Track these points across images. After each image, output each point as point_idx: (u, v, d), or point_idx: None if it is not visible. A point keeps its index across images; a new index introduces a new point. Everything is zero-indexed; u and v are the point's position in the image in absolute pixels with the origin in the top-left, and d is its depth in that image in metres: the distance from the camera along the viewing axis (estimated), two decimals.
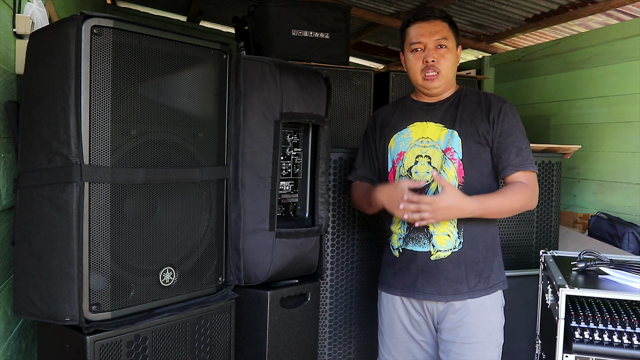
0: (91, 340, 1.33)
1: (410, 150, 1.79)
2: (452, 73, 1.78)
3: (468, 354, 1.72)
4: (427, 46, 1.74)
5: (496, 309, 1.78)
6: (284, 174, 1.90)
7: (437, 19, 1.75)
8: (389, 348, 1.89)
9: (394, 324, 1.86)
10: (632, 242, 2.82)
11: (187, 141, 1.53)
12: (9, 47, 1.55)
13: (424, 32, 1.74)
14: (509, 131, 1.73)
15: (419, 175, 1.76)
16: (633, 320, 1.66)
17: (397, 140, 1.83)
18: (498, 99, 1.80)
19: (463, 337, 1.73)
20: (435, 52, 1.73)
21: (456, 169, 1.72)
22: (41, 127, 1.36)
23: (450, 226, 1.73)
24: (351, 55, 4.21)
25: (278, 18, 2.64)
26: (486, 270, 1.76)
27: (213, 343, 1.62)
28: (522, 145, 1.73)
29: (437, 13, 1.76)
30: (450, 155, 1.73)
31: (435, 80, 1.74)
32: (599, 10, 3.28)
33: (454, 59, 1.78)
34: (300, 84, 1.80)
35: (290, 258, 1.83)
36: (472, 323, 1.73)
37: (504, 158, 1.72)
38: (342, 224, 2.30)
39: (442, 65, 1.74)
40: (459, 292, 1.73)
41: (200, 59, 1.56)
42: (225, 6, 4.79)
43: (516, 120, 1.76)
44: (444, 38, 1.74)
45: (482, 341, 1.73)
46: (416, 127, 1.81)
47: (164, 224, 1.49)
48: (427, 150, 1.76)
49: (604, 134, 3.23)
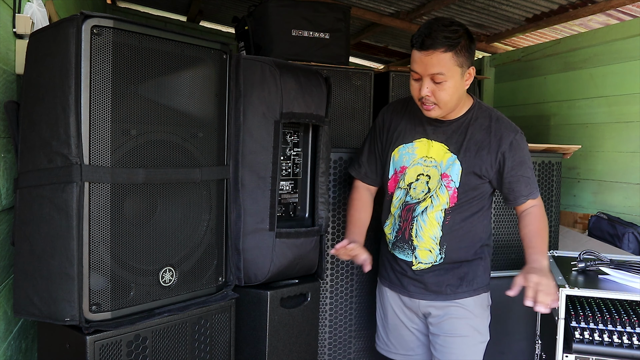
0: (91, 340, 1.33)
1: (412, 167, 1.80)
2: (452, 102, 1.67)
3: (452, 346, 1.79)
4: (422, 78, 1.63)
5: (481, 307, 1.83)
6: (284, 174, 1.90)
7: (437, 50, 1.58)
8: (386, 332, 1.97)
9: (387, 311, 1.95)
10: (632, 242, 2.81)
11: (187, 141, 1.53)
12: (9, 47, 1.55)
13: (420, 63, 1.62)
14: (520, 164, 1.74)
15: (415, 191, 1.79)
16: (633, 320, 1.66)
17: (401, 152, 1.82)
18: (509, 128, 1.74)
19: (447, 330, 1.79)
20: (431, 84, 1.63)
21: (449, 195, 1.74)
22: (41, 127, 1.36)
23: (433, 243, 1.77)
24: (351, 55, 4.22)
25: (278, 18, 2.64)
26: (470, 274, 1.81)
27: (213, 343, 1.62)
28: (530, 175, 1.77)
29: (439, 43, 1.58)
30: (446, 182, 1.74)
31: (433, 111, 1.68)
32: (599, 10, 3.28)
33: (455, 88, 1.64)
34: (300, 84, 1.80)
35: (290, 258, 1.83)
36: (455, 318, 1.79)
37: (516, 190, 1.75)
38: (342, 224, 2.30)
39: (439, 98, 1.64)
40: (441, 293, 1.80)
41: (200, 59, 1.56)
42: (225, 6, 4.79)
43: (525, 151, 1.77)
44: (440, 73, 1.60)
45: (466, 335, 1.79)
46: (422, 143, 1.79)
47: (164, 224, 1.49)
48: (429, 170, 1.77)
49: (604, 134, 3.23)
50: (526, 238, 1.73)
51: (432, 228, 1.76)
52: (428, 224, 1.76)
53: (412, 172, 1.79)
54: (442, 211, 1.75)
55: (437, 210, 1.75)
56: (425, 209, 1.76)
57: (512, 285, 1.55)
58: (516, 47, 4.42)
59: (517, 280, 1.56)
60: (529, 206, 1.77)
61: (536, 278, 1.53)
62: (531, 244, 1.70)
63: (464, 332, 1.78)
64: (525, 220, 1.76)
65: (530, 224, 1.74)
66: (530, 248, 1.69)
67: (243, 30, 2.86)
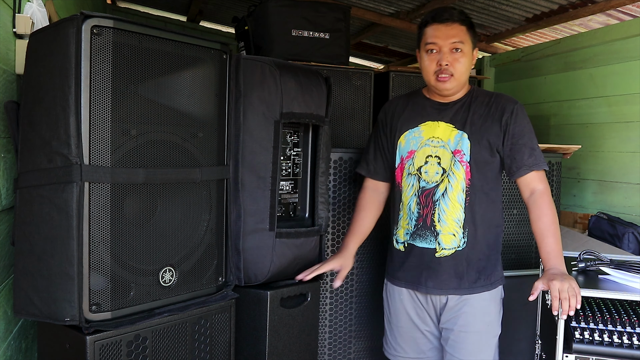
0: (91, 340, 1.33)
1: (420, 149, 1.82)
2: (465, 76, 1.79)
3: (465, 341, 1.79)
4: (442, 49, 1.74)
5: (495, 301, 1.83)
6: (284, 174, 1.90)
7: (456, 22, 1.74)
8: (395, 336, 1.95)
9: (399, 314, 1.92)
10: (632, 242, 2.81)
11: (187, 141, 1.53)
12: (9, 47, 1.55)
13: (440, 35, 1.74)
14: (521, 132, 1.76)
15: (428, 175, 1.79)
16: (633, 320, 1.66)
17: (407, 137, 1.86)
18: (509, 100, 1.81)
19: (461, 325, 1.79)
20: (450, 55, 1.74)
21: (465, 170, 1.76)
22: (41, 127, 1.36)
23: (457, 226, 1.77)
24: (351, 55, 4.21)
25: (278, 18, 2.64)
26: (488, 268, 1.81)
27: (213, 343, 1.62)
28: (534, 145, 1.77)
29: (456, 16, 1.75)
30: (459, 157, 1.77)
31: (448, 82, 1.75)
32: (599, 10, 3.28)
33: (468, 62, 1.77)
34: (300, 84, 1.80)
35: (290, 258, 1.83)
36: (469, 313, 1.79)
37: (517, 159, 1.75)
38: (342, 224, 2.30)
39: (456, 69, 1.74)
40: (459, 287, 1.79)
41: (200, 59, 1.56)
42: (225, 6, 4.79)
43: (527, 121, 1.79)
44: (460, 42, 1.73)
45: (479, 331, 1.79)
46: (427, 126, 1.83)
47: (164, 224, 1.49)
48: (437, 150, 1.79)
49: (604, 134, 3.23)
50: (538, 236, 1.73)
51: (455, 211, 1.77)
52: (450, 206, 1.77)
53: (420, 155, 1.82)
54: (462, 192, 1.76)
55: (458, 191, 1.76)
56: (445, 190, 1.77)
57: (533, 290, 1.59)
58: (516, 47, 4.42)
59: (537, 285, 1.60)
60: (535, 188, 1.75)
61: (559, 284, 1.56)
62: (546, 246, 1.70)
63: (478, 327, 1.79)
64: (533, 213, 1.75)
65: (539, 219, 1.73)
66: (545, 252, 1.70)
67: (243, 30, 2.86)
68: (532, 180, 1.75)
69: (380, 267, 2.34)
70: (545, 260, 1.70)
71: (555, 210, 1.76)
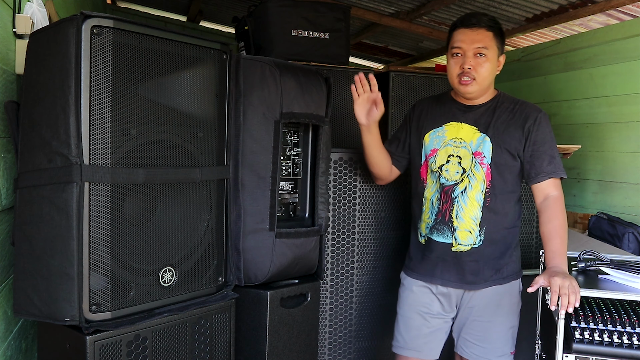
0: (91, 340, 1.33)
1: (443, 148, 1.87)
2: (488, 81, 1.83)
3: (479, 330, 1.85)
4: (466, 53, 1.78)
5: (511, 294, 1.88)
6: (284, 174, 1.90)
7: (482, 28, 1.78)
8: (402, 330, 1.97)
9: (411, 307, 1.95)
10: (632, 242, 2.81)
11: (187, 141, 1.53)
12: (9, 47, 1.55)
13: (465, 39, 1.79)
14: (543, 140, 1.80)
15: (449, 173, 1.85)
16: (633, 320, 1.66)
17: (432, 136, 1.91)
18: (534, 108, 1.85)
19: (476, 315, 1.85)
20: (474, 59, 1.78)
21: (485, 172, 1.81)
22: (41, 127, 1.36)
23: (473, 224, 1.82)
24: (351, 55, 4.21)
25: (278, 18, 2.64)
26: (503, 265, 1.86)
27: (213, 343, 1.62)
28: (554, 154, 1.81)
29: (483, 22, 1.79)
30: (480, 159, 1.81)
31: (469, 86, 1.80)
32: (599, 10, 3.28)
33: (492, 67, 1.81)
34: (300, 84, 1.80)
35: (290, 258, 1.83)
36: (485, 305, 1.85)
37: (537, 165, 1.79)
38: (342, 224, 2.30)
39: (479, 73, 1.78)
40: (473, 282, 1.84)
41: (200, 59, 1.56)
42: (225, 6, 4.79)
43: (549, 130, 1.83)
44: (484, 47, 1.77)
45: (494, 321, 1.85)
46: (451, 126, 1.89)
47: (164, 224, 1.49)
48: (459, 150, 1.84)
49: (604, 134, 3.23)
50: (545, 237, 1.75)
51: (472, 209, 1.81)
52: (469, 204, 1.81)
53: (442, 154, 1.87)
54: (482, 192, 1.81)
55: (477, 191, 1.81)
56: (465, 189, 1.82)
57: (533, 284, 1.61)
58: (516, 47, 4.42)
59: (538, 280, 1.61)
60: (549, 194, 1.78)
61: (559, 281, 1.57)
62: (551, 246, 1.72)
63: (492, 317, 1.84)
64: (544, 216, 1.77)
65: (549, 222, 1.75)
66: (550, 252, 1.72)
67: (243, 30, 2.85)
68: (547, 187, 1.79)
69: (380, 268, 2.34)
70: (549, 259, 1.71)
71: (565, 217, 1.79)
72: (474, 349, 1.86)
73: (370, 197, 2.35)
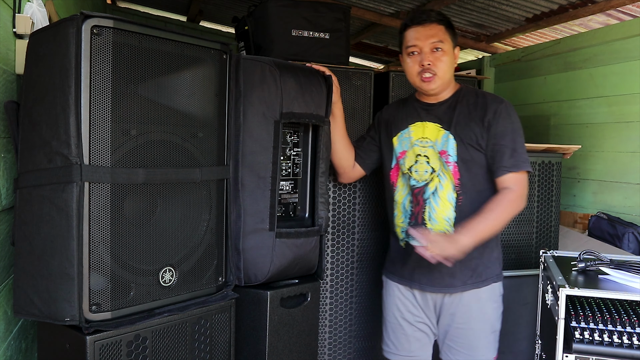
0: (91, 340, 1.33)
1: (411, 149, 1.87)
2: (449, 74, 1.81)
3: (462, 337, 1.82)
4: (422, 50, 1.78)
5: (492, 298, 1.85)
6: (284, 174, 1.90)
7: (433, 22, 1.78)
8: (389, 333, 1.99)
9: (394, 310, 1.97)
10: (632, 242, 2.81)
11: (187, 141, 1.53)
12: (9, 47, 1.55)
13: (420, 36, 1.78)
14: (502, 132, 1.76)
15: (418, 174, 1.83)
16: (633, 320, 1.66)
17: (400, 138, 1.91)
18: (494, 100, 1.81)
19: (458, 322, 1.83)
20: (431, 55, 1.78)
21: (452, 171, 1.78)
22: (41, 127, 1.36)
23: (447, 225, 1.79)
24: (351, 55, 4.22)
25: (278, 18, 2.64)
26: (480, 266, 1.83)
27: (213, 343, 1.62)
28: (517, 147, 1.75)
29: (433, 17, 1.79)
30: (445, 158, 1.79)
31: (432, 82, 1.79)
32: (599, 10, 3.28)
33: (451, 60, 1.81)
34: (300, 84, 1.80)
35: (290, 258, 1.83)
36: (466, 311, 1.82)
37: (497, 159, 1.75)
38: (342, 224, 2.30)
39: (439, 68, 1.78)
40: (452, 285, 1.82)
41: (200, 59, 1.56)
42: (225, 6, 4.79)
43: (511, 121, 1.77)
44: (440, 41, 1.78)
45: (476, 327, 1.82)
46: (417, 126, 1.88)
47: (164, 224, 1.49)
48: (426, 150, 1.83)
49: (604, 134, 3.23)
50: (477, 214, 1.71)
51: (445, 209, 1.79)
52: (441, 204, 1.79)
53: (410, 155, 1.87)
54: (453, 191, 1.78)
55: (448, 190, 1.78)
56: (436, 189, 1.80)
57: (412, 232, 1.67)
58: (516, 47, 4.42)
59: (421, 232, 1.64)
60: (506, 185, 1.73)
61: (440, 238, 1.60)
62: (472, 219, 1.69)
63: (474, 324, 1.82)
64: (490, 201, 1.73)
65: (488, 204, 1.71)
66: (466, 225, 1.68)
67: (243, 30, 2.85)
68: (506, 181, 1.74)
69: (380, 268, 2.34)
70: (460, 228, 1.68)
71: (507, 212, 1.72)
72: (458, 355, 1.85)
73: (370, 197, 2.36)
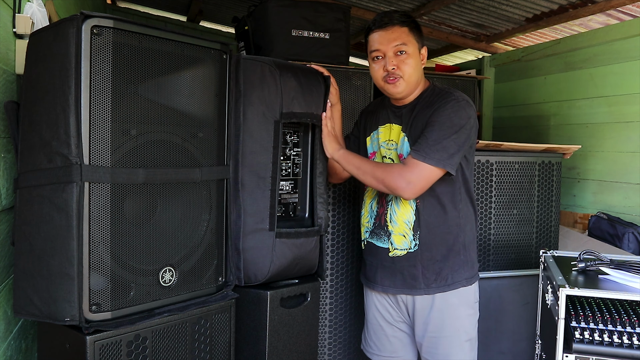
0: (91, 340, 1.33)
1: (378, 151, 1.90)
2: (415, 77, 1.78)
3: (436, 347, 1.80)
4: (386, 54, 1.76)
5: (464, 304, 1.82)
6: (284, 174, 1.90)
7: (396, 25, 1.76)
8: (369, 333, 2.00)
9: (371, 311, 1.97)
10: (632, 242, 2.81)
11: (187, 141, 1.53)
12: (9, 47, 1.55)
13: (383, 40, 1.76)
14: (432, 123, 1.70)
15: None
16: (633, 320, 1.66)
17: (372, 139, 1.94)
18: (444, 96, 1.74)
19: (431, 331, 1.81)
20: (395, 58, 1.76)
21: None
22: (41, 127, 1.36)
23: (406, 228, 1.80)
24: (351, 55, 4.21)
25: (278, 18, 2.64)
26: (445, 269, 1.80)
27: (213, 343, 1.62)
28: (438, 139, 1.66)
29: (396, 19, 1.76)
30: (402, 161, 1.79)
31: (397, 85, 1.77)
32: (599, 10, 3.28)
33: (416, 62, 1.77)
34: (300, 84, 1.80)
35: (290, 258, 1.83)
36: (438, 318, 1.80)
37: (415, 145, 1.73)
38: (342, 224, 2.30)
39: (404, 71, 1.76)
40: (414, 287, 1.81)
41: (200, 59, 1.56)
42: (225, 6, 4.79)
43: (448, 115, 1.68)
44: (403, 44, 1.75)
45: (449, 335, 1.80)
46: (385, 128, 1.90)
47: (164, 224, 1.49)
48: (391, 152, 1.86)
49: (604, 134, 3.23)
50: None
51: (405, 212, 1.79)
52: (402, 208, 1.80)
53: (378, 157, 1.89)
54: None
55: None
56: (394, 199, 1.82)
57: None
58: (516, 47, 4.42)
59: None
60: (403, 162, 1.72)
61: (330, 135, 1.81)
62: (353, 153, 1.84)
63: (447, 332, 1.79)
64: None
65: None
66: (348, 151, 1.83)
67: (243, 30, 2.86)
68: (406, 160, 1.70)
69: None
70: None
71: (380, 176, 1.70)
72: None
73: None
